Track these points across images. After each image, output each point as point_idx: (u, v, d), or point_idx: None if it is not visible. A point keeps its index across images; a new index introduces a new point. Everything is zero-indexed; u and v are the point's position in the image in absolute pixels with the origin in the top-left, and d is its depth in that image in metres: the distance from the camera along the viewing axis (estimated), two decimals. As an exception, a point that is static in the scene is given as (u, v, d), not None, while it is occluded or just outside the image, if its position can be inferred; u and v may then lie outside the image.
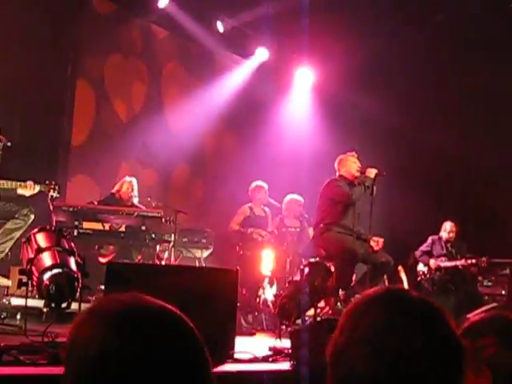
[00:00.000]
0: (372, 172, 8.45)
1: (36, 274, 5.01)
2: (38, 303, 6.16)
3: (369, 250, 8.17)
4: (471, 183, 12.51)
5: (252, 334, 7.74)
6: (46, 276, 4.93)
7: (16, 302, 7.15)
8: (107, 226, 8.57)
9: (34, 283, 5.04)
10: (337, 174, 8.73)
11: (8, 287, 7.39)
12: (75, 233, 7.86)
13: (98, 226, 8.45)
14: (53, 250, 5.17)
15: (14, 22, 9.56)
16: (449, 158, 12.66)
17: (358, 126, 13.00)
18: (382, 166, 8.83)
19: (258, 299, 8.91)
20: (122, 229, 8.73)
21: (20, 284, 5.10)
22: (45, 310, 6.28)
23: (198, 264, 9.88)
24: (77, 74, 10.65)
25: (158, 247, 8.72)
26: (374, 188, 8.35)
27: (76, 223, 8.11)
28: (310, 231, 9.75)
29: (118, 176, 10.37)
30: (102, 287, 7.02)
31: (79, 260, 5.22)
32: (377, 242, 8.40)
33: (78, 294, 5.06)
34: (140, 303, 1.45)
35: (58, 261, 5.05)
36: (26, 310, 5.19)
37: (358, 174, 8.59)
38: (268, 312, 8.76)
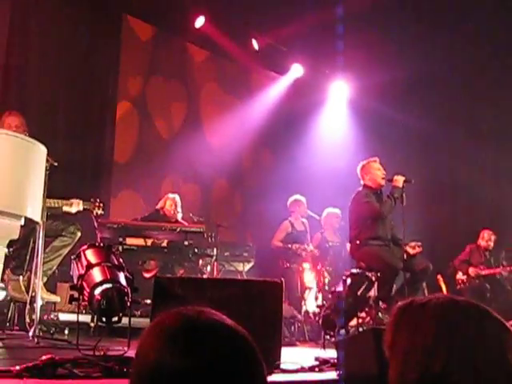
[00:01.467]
0: (400, 180, 8.18)
1: (87, 290, 5.07)
2: (85, 318, 6.30)
3: (405, 257, 7.98)
4: (507, 191, 12.48)
5: (295, 345, 7.79)
6: (97, 291, 5.00)
7: (64, 317, 7.30)
8: (149, 242, 8.70)
9: (86, 298, 5.13)
10: (361, 182, 8.52)
11: (55, 303, 7.54)
12: (120, 249, 8.02)
13: (140, 241, 8.61)
14: (103, 265, 5.23)
15: (57, 47, 9.80)
16: (484, 167, 12.65)
17: (394, 138, 12.98)
18: (417, 176, 8.70)
19: (300, 311, 8.99)
20: (164, 244, 8.85)
21: (71, 299, 5.17)
22: (92, 324, 6.42)
23: (239, 277, 9.95)
24: (117, 93, 10.86)
25: (200, 261, 8.82)
26: (404, 196, 8.10)
27: (120, 239, 8.29)
28: (348, 245, 9.76)
29: (160, 192, 10.52)
30: (148, 301, 7.17)
31: (128, 275, 5.32)
32: (413, 247, 8.17)
33: (127, 308, 5.15)
34: (199, 317, 1.50)
35: (109, 276, 5.12)
36: (78, 325, 5.28)
37: (383, 182, 8.37)
38: (310, 323, 8.82)
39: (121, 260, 5.57)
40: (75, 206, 7.15)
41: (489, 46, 11.94)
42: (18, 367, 3.55)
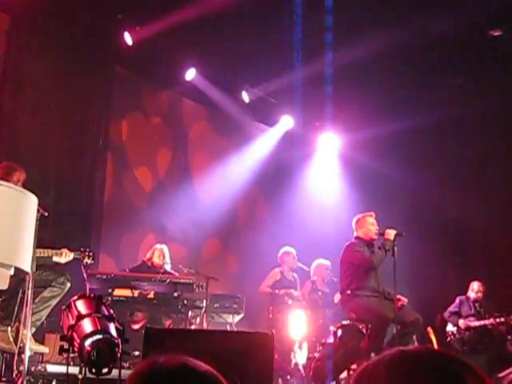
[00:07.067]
0: (391, 234, 8.24)
1: (77, 341, 5.06)
2: (74, 370, 6.22)
3: (396, 310, 7.90)
4: (496, 242, 12.52)
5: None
6: (88, 342, 4.97)
7: (51, 368, 7.19)
8: (136, 293, 8.64)
9: (76, 349, 5.09)
10: (354, 233, 8.58)
11: (43, 354, 7.45)
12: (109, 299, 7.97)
13: (128, 293, 8.55)
14: (93, 316, 5.22)
15: (48, 96, 9.87)
16: (473, 219, 12.72)
17: (382, 190, 13.07)
18: (406, 229, 8.74)
19: (289, 363, 8.91)
20: (151, 295, 8.79)
21: (61, 350, 5.14)
22: (80, 376, 6.34)
23: (229, 329, 9.90)
24: (107, 144, 10.89)
25: (190, 313, 8.76)
26: (395, 249, 8.14)
27: (109, 290, 8.24)
28: (337, 296, 9.70)
29: (147, 244, 10.51)
30: (136, 353, 7.11)
31: (119, 326, 5.29)
32: (398, 300, 8.08)
33: (118, 359, 5.10)
34: (183, 367, 1.53)
35: (99, 327, 5.09)
36: (67, 377, 5.23)
37: (375, 236, 8.44)
38: (299, 376, 8.74)
39: (111, 311, 5.54)
40: (65, 256, 7.12)
41: (478, 101, 12.09)
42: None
